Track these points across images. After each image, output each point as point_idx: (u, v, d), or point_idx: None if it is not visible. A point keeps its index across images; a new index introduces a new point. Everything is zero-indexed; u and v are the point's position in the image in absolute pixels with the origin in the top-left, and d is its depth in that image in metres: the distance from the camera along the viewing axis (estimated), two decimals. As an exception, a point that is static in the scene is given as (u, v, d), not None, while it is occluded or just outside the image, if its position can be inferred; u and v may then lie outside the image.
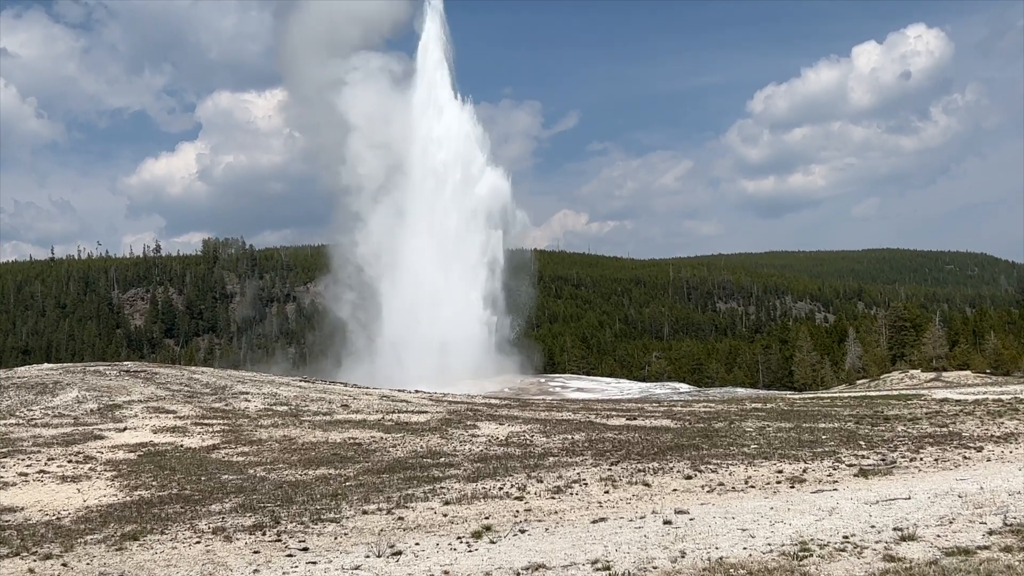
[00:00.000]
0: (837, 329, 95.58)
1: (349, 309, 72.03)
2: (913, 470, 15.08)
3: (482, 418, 24.88)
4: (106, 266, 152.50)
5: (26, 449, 18.91)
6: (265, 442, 20.51)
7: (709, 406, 29.93)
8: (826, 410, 26.40)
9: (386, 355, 65.65)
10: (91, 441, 20.22)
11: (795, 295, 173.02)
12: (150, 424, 23.08)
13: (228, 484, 15.51)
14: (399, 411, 26.82)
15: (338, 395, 31.85)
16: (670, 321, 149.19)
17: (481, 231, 72.23)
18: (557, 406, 31.29)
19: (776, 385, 79.46)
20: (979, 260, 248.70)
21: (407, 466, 16.98)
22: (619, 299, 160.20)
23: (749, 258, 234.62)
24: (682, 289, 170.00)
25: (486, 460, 17.53)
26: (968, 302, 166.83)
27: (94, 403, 26.62)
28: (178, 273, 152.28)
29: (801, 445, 18.36)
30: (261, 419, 24.52)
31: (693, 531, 10.56)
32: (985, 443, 18.12)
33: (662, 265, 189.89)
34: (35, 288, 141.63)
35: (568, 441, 19.91)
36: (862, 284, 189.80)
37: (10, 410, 25.39)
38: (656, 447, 18.50)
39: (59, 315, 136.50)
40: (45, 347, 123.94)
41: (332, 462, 17.77)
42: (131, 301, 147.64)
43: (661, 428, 22.26)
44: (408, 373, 58.03)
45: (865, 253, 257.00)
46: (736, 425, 22.35)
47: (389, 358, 64.92)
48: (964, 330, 77.37)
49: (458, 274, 69.40)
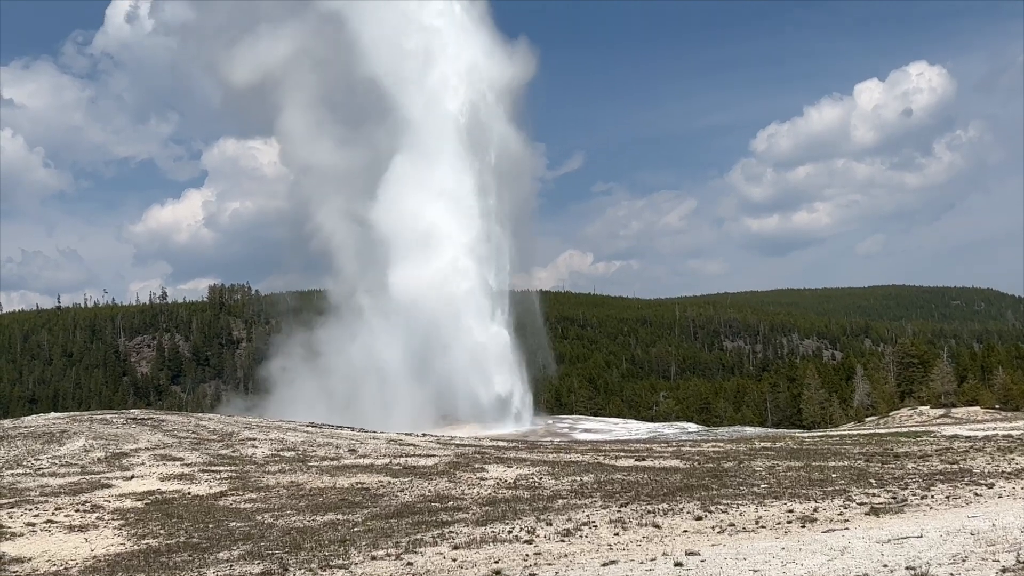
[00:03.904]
0: (845, 366, 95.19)
1: (357, 354, 71.75)
2: (925, 508, 14.97)
3: (490, 461, 24.78)
4: (112, 314, 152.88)
5: (33, 499, 18.86)
6: (273, 488, 20.44)
7: (718, 446, 29.77)
8: (836, 448, 26.25)
9: (394, 398, 65.30)
10: (98, 490, 20.16)
11: (802, 333, 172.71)
12: (157, 472, 23.02)
13: (236, 531, 15.45)
14: (406, 455, 26.72)
15: (345, 440, 31.75)
16: (677, 360, 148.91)
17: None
18: (565, 448, 31.15)
19: (785, 423, 78.96)
20: (985, 295, 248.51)
21: (415, 510, 16.90)
22: (625, 339, 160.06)
23: (755, 296, 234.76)
24: (688, 328, 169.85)
25: (495, 503, 17.44)
26: (975, 337, 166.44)
27: (101, 452, 26.57)
28: (184, 320, 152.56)
29: (811, 484, 18.25)
30: (268, 465, 24.44)
31: (704, 573, 10.48)
32: (996, 480, 17.99)
33: (668, 305, 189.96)
34: (42, 337, 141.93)
35: (577, 483, 19.81)
36: (869, 321, 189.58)
37: (17, 460, 25.34)
38: (666, 488, 18.40)
39: (66, 363, 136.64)
40: (52, 396, 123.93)
41: (340, 507, 17.69)
42: (137, 348, 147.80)
43: (670, 468, 22.14)
44: (414, 416, 57.76)
45: (871, 290, 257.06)
46: (745, 464, 22.23)
47: (397, 401, 64.67)
48: (972, 366, 76.98)
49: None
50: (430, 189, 69.47)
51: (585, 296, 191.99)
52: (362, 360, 67.43)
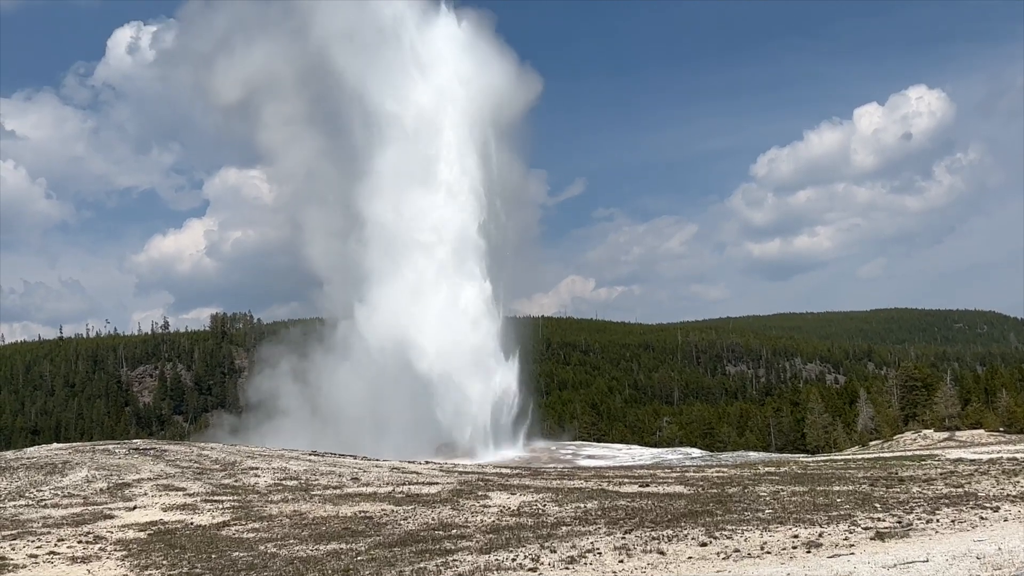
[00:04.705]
0: (848, 390, 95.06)
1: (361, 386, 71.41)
2: (930, 532, 14.92)
3: (493, 488, 24.70)
4: (115, 344, 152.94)
5: (36, 530, 18.81)
6: (275, 517, 20.38)
7: (722, 471, 29.68)
8: (840, 472, 26.17)
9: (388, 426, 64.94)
10: (101, 521, 20.11)
11: (804, 357, 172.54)
12: (160, 502, 22.96)
13: (239, 561, 15.40)
14: (409, 483, 26.64)
15: (348, 468, 31.67)
16: (680, 385, 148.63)
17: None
18: (569, 474, 31.06)
19: (788, 448, 78.70)
20: (988, 318, 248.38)
21: (419, 539, 16.84)
22: (628, 364, 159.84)
23: (757, 321, 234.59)
24: (691, 353, 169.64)
25: (498, 531, 17.38)
26: (978, 360, 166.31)
27: (104, 482, 26.51)
28: (186, 349, 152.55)
29: (816, 509, 18.18)
30: (271, 494, 24.37)
31: (709, 599, 10.45)
32: (1001, 503, 17.93)
33: (670, 330, 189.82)
34: (44, 368, 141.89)
35: (581, 510, 19.74)
36: (871, 344, 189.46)
37: (20, 491, 25.29)
38: (670, 514, 18.34)
39: (68, 394, 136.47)
40: (54, 427, 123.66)
41: (343, 536, 17.64)
42: (140, 378, 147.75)
43: (674, 494, 22.07)
44: (413, 444, 57.55)
45: (873, 313, 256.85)
46: (750, 490, 22.15)
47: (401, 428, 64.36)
48: (976, 388, 76.85)
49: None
50: (425, 217, 69.41)
51: (587, 322, 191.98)
52: (356, 388, 67.09)
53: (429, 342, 65.43)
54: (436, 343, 65.40)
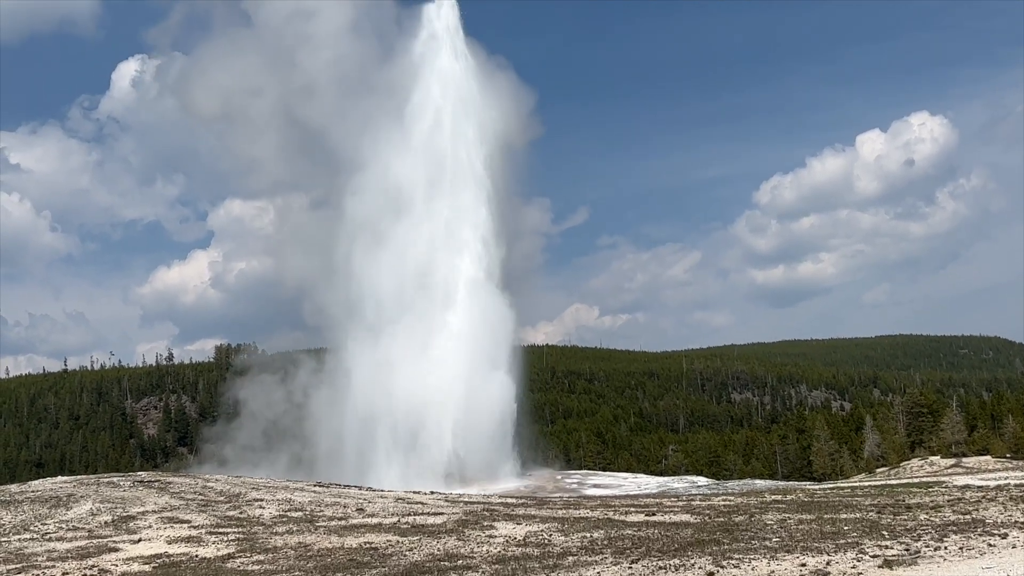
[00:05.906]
0: (854, 417, 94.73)
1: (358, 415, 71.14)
2: (938, 559, 14.85)
3: (499, 518, 24.61)
4: (119, 376, 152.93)
5: (40, 564, 18.76)
6: (280, 549, 20.31)
7: (728, 499, 29.55)
8: (847, 500, 26.06)
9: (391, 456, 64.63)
10: (105, 554, 20.06)
11: (810, 384, 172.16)
12: (164, 535, 22.90)
13: (244, 594, 15.35)
14: (415, 513, 26.55)
15: (353, 499, 31.57)
16: (685, 413, 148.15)
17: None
18: (575, 503, 30.93)
19: (795, 475, 78.37)
20: (993, 344, 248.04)
21: (424, 570, 16.78)
22: (633, 392, 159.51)
23: (762, 348, 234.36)
24: (696, 381, 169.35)
25: (504, 561, 17.31)
26: (984, 386, 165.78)
27: (108, 515, 26.46)
28: (191, 381, 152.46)
29: (823, 537, 18.11)
30: (276, 526, 24.30)
31: (717, 629, 10.40)
32: (1010, 529, 17.85)
33: (675, 357, 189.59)
34: (48, 400, 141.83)
35: (587, 539, 19.66)
36: (877, 371, 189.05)
37: (24, 524, 25.25)
38: (676, 543, 18.27)
39: (72, 427, 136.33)
40: (59, 459, 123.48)
41: (348, 568, 17.57)
42: (144, 410, 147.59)
43: (681, 523, 21.98)
44: (422, 473, 57.36)
45: (878, 340, 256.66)
46: (757, 518, 22.06)
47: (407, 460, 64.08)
48: (982, 414, 76.57)
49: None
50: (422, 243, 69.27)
51: (592, 350, 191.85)
52: (355, 416, 66.74)
53: (430, 370, 65.20)
54: (437, 372, 65.17)
